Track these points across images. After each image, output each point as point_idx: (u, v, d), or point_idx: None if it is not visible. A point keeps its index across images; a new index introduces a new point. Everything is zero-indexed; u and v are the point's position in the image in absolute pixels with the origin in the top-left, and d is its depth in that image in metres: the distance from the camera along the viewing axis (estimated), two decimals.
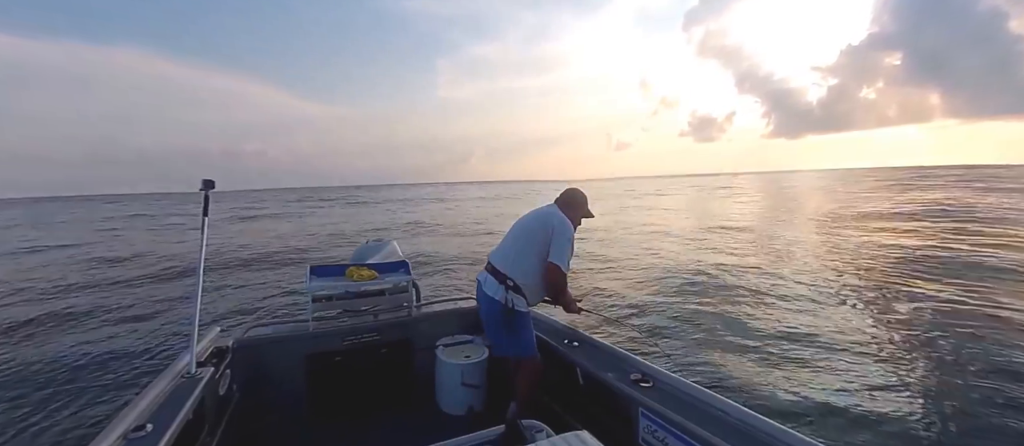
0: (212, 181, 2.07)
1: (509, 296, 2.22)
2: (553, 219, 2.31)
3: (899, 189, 24.58)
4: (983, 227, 12.97)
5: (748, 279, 7.95)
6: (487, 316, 2.34)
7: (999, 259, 8.63)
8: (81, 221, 29.19)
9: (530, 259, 2.27)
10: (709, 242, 12.66)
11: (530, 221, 2.39)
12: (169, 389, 1.84)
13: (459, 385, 2.54)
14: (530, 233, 2.32)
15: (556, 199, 2.52)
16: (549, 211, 2.40)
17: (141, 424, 1.55)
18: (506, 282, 2.24)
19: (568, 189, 2.56)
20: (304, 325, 2.67)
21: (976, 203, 18.25)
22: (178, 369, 1.97)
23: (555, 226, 2.27)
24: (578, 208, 2.48)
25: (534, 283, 2.29)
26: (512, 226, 2.48)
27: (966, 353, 4.58)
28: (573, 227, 2.36)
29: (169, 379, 1.89)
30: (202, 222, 2.06)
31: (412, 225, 20.20)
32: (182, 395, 1.80)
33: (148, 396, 1.72)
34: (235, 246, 14.02)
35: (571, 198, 2.49)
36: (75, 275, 10.38)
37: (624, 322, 5.53)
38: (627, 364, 2.09)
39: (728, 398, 1.66)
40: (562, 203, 2.47)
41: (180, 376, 1.94)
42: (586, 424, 1.35)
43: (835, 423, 3.43)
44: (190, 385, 1.88)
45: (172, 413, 1.66)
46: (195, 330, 2.01)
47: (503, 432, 1.31)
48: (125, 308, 7.46)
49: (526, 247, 2.30)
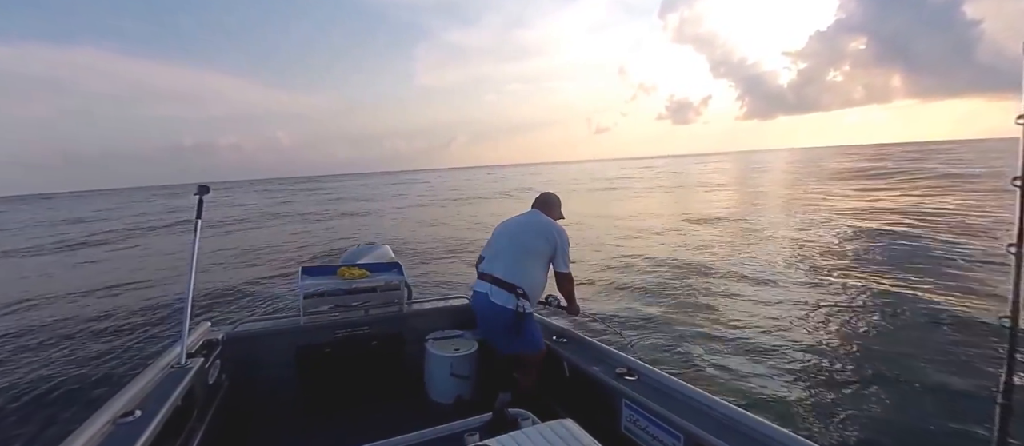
0: (207, 187, 2.19)
1: (520, 303, 2.34)
2: (552, 229, 2.46)
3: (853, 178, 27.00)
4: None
5: (722, 265, 8.26)
6: (496, 324, 2.43)
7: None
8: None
9: (533, 267, 2.43)
10: (686, 228, 13.06)
11: (524, 230, 2.51)
12: (159, 378, 1.86)
13: (448, 376, 2.61)
14: (527, 243, 2.45)
15: (536, 203, 2.65)
16: (543, 220, 2.53)
17: (130, 410, 1.57)
18: (515, 291, 2.35)
19: (545, 193, 2.76)
20: (295, 319, 2.73)
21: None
22: (168, 360, 2.00)
23: (557, 237, 2.44)
24: (556, 207, 2.70)
25: (538, 287, 2.46)
26: (499, 233, 2.58)
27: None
28: (563, 229, 2.53)
29: (159, 369, 1.92)
30: (195, 224, 2.13)
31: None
32: (171, 383, 1.83)
33: (138, 385, 1.74)
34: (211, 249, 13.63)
35: (549, 199, 2.70)
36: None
37: (611, 319, 5.67)
38: (612, 359, 2.18)
39: (709, 391, 1.74)
40: (545, 206, 2.63)
41: (170, 366, 1.97)
42: (571, 414, 1.40)
43: (800, 410, 3.64)
44: (179, 374, 1.91)
45: (161, 400, 1.69)
46: (186, 323, 2.05)
47: (490, 419, 1.37)
48: (113, 307, 7.40)
49: (527, 257, 2.43)
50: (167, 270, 10.57)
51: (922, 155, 49.23)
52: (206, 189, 2.18)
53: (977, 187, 18.42)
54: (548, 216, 2.57)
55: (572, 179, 48.07)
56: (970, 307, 5.45)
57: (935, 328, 5.05)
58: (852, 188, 21.71)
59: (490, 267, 2.47)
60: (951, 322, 5.10)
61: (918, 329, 5.07)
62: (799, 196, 20.16)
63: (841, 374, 4.17)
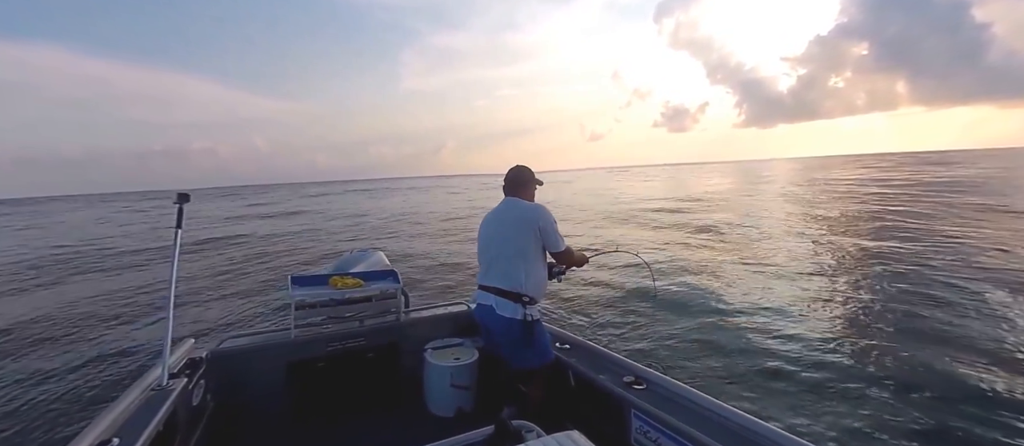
0: (187, 195, 2.12)
1: (528, 311, 2.22)
2: (533, 217, 2.27)
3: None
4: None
5: (734, 271, 8.13)
6: (504, 337, 2.29)
7: None
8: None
9: (529, 266, 2.25)
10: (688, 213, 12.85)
11: (508, 227, 2.32)
12: (139, 402, 1.78)
13: (448, 386, 2.53)
14: (514, 241, 2.28)
15: (506, 187, 2.44)
16: (520, 209, 2.33)
17: (107, 439, 1.50)
18: (521, 299, 2.22)
19: (511, 171, 2.47)
20: (285, 333, 2.63)
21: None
22: (148, 382, 1.91)
23: (540, 222, 2.26)
24: (530, 184, 2.45)
25: (541, 284, 2.31)
26: (485, 236, 2.41)
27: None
28: (543, 206, 2.33)
29: (139, 391, 1.83)
30: (175, 234, 2.06)
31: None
32: (152, 408, 1.75)
33: (115, 410, 1.66)
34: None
35: (519, 178, 2.44)
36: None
37: (614, 322, 5.52)
38: (620, 367, 2.11)
39: (722, 401, 1.68)
40: (516, 187, 2.42)
41: (150, 389, 1.88)
42: (577, 425, 1.35)
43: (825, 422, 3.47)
44: (161, 397, 1.83)
45: (140, 426, 1.61)
46: (168, 341, 1.97)
47: (493, 432, 1.33)
48: (88, 319, 7.17)
49: (520, 256, 2.26)
50: (141, 282, 10.13)
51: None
52: (186, 197, 2.10)
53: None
54: (523, 195, 2.40)
55: (582, 194, 33.47)
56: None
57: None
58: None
59: (489, 277, 2.32)
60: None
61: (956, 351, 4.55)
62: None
63: (868, 388, 3.96)
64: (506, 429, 1.33)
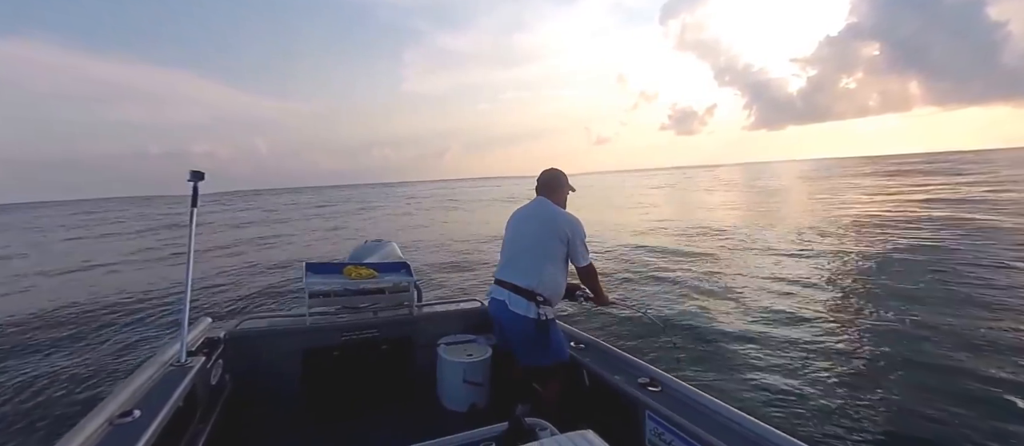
0: (201, 172, 2.09)
1: (541, 310, 2.19)
2: (562, 223, 2.26)
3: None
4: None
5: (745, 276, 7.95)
6: (516, 334, 2.27)
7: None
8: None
9: (549, 268, 2.23)
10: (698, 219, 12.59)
11: (534, 227, 2.32)
12: (158, 376, 1.80)
13: (461, 382, 2.54)
14: (540, 240, 2.27)
15: (540, 187, 2.43)
16: (550, 211, 2.33)
17: (128, 410, 1.51)
18: (535, 298, 2.20)
19: (545, 173, 2.46)
20: (301, 319, 2.65)
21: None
22: (167, 358, 1.94)
23: (568, 230, 2.24)
24: (563, 189, 2.44)
25: (558, 288, 2.29)
26: (511, 232, 2.41)
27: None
28: (575, 217, 2.32)
29: (157, 367, 1.85)
30: (190, 213, 2.07)
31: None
32: (172, 383, 1.77)
33: (135, 383, 1.68)
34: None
35: (553, 181, 2.43)
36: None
37: (638, 321, 5.29)
38: (635, 368, 2.09)
39: (739, 408, 1.66)
40: (548, 191, 2.41)
41: (169, 364, 1.91)
42: (591, 425, 1.34)
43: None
44: (180, 373, 1.85)
45: (161, 400, 1.63)
46: (186, 319, 1.99)
47: (507, 429, 1.32)
48: (108, 301, 7.34)
49: (542, 257, 2.24)
50: (152, 261, 10.35)
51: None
52: (201, 175, 2.07)
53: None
54: (555, 199, 2.39)
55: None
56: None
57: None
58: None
59: (506, 273, 2.30)
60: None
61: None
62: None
63: (888, 398, 3.83)
64: (520, 426, 1.32)
